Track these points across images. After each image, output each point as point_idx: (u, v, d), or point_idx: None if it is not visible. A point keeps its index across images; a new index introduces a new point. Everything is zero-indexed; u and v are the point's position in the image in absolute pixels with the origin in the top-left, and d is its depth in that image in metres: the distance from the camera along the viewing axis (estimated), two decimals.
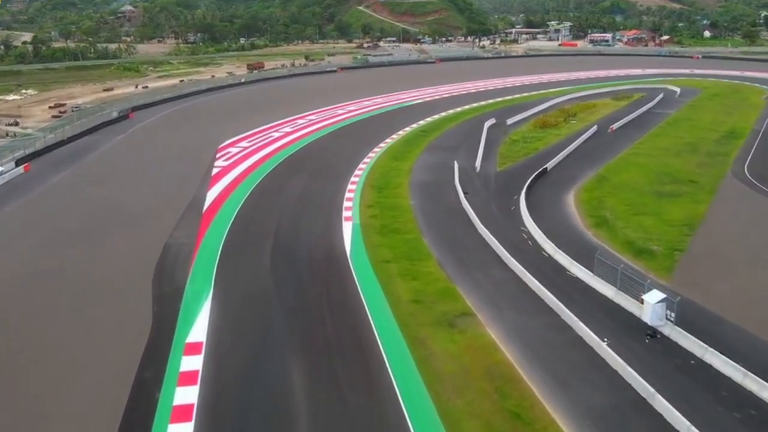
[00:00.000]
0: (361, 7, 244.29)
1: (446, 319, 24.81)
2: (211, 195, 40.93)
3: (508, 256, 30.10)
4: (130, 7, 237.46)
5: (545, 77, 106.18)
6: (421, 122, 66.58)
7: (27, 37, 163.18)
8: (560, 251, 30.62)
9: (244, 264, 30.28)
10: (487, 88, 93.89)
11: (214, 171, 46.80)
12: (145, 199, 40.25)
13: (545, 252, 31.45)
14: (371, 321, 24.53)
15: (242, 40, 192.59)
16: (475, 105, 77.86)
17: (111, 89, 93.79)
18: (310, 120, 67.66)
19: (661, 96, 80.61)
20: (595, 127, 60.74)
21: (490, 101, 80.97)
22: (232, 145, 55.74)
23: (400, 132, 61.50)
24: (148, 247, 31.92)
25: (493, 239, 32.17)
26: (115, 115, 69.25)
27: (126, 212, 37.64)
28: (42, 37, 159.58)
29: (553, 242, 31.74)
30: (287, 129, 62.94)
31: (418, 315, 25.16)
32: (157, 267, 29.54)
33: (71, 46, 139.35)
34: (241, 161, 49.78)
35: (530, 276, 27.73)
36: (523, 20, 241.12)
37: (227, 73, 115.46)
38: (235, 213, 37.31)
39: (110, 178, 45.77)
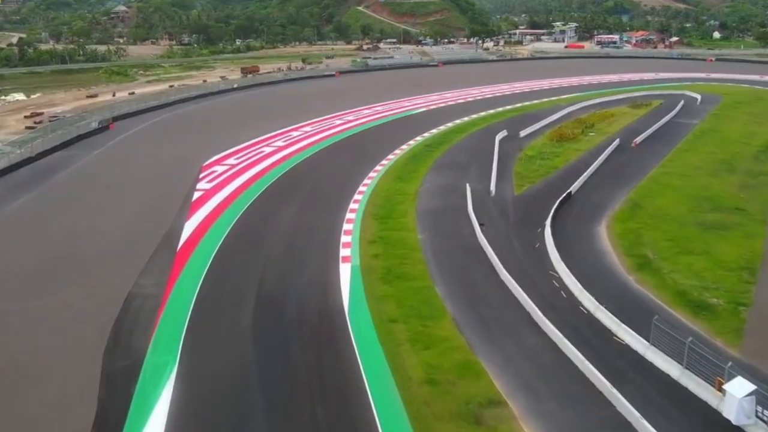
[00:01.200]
0: (360, 8, 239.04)
1: (470, 409, 19.49)
2: (190, 227, 35.57)
3: (540, 315, 24.77)
4: (123, 8, 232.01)
5: (554, 82, 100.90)
6: (426, 134, 61.23)
7: (18, 38, 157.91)
8: (603, 308, 25.30)
9: (220, 325, 24.95)
10: (494, 95, 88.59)
11: (195, 196, 41.41)
12: (113, 233, 34.89)
13: (584, 308, 26.13)
14: (375, 415, 19.24)
15: (238, 42, 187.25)
16: (483, 114, 72.51)
17: (95, 95, 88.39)
18: (306, 132, 62.29)
19: (681, 104, 75.26)
20: (617, 141, 55.42)
21: (499, 109, 75.63)
22: (218, 162, 50.35)
23: (404, 146, 56.14)
24: (107, 300, 26.60)
25: (520, 290, 26.86)
26: (94, 126, 63.87)
27: (88, 250, 32.31)
28: (30, 38, 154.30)
29: (591, 293, 26.43)
30: (280, 143, 57.55)
31: (433, 403, 19.85)
32: (113, 330, 24.20)
33: (59, 49, 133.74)
34: (226, 183, 44.40)
35: (570, 345, 22.42)
36: (526, 21, 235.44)
37: (220, 77, 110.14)
38: (215, 252, 31.94)
39: (77, 204, 40.33)
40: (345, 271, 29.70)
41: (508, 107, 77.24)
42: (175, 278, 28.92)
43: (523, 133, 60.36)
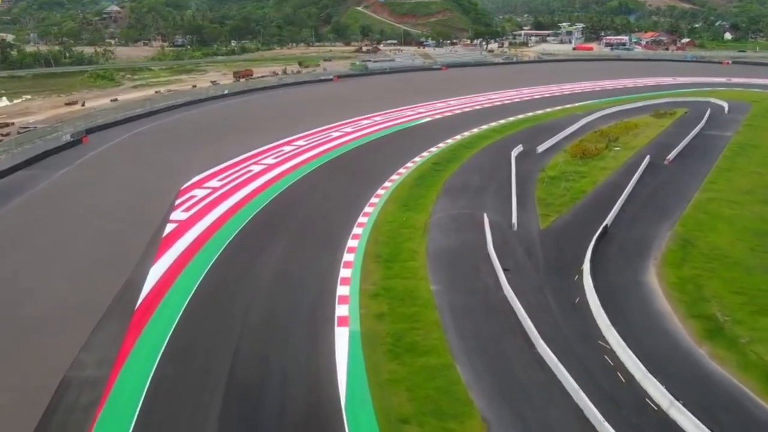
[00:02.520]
0: (359, 8, 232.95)
1: None
2: (155, 274, 29.46)
3: (597, 415, 18.74)
4: (115, 8, 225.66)
5: (565, 87, 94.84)
6: (433, 149, 55.15)
7: (8, 39, 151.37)
8: (679, 404, 19.26)
9: (178, 428, 18.92)
10: (503, 102, 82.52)
11: (168, 230, 35.27)
12: (60, 286, 28.74)
13: (653, 402, 20.08)
14: None
15: (233, 43, 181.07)
16: (493, 124, 66.43)
17: (75, 103, 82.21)
18: (299, 147, 56.18)
19: (708, 113, 69.29)
20: (647, 158, 49.38)
21: (510, 119, 69.57)
22: (198, 185, 44.25)
23: (408, 164, 50.05)
24: (32, 390, 20.57)
25: (565, 373, 20.84)
26: (66, 139, 57.75)
27: (22, 311, 26.22)
28: (18, 39, 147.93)
29: (659, 379, 20.44)
30: (270, 160, 51.43)
31: None
32: None
33: (43, 51, 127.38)
34: (204, 213, 38.27)
35: None
36: (531, 22, 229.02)
37: (211, 82, 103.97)
38: (180, 313, 25.82)
39: (22, 245, 33.88)
40: (342, 341, 23.65)
41: (520, 116, 71.17)
42: (126, 352, 22.85)
43: (540, 149, 54.29)
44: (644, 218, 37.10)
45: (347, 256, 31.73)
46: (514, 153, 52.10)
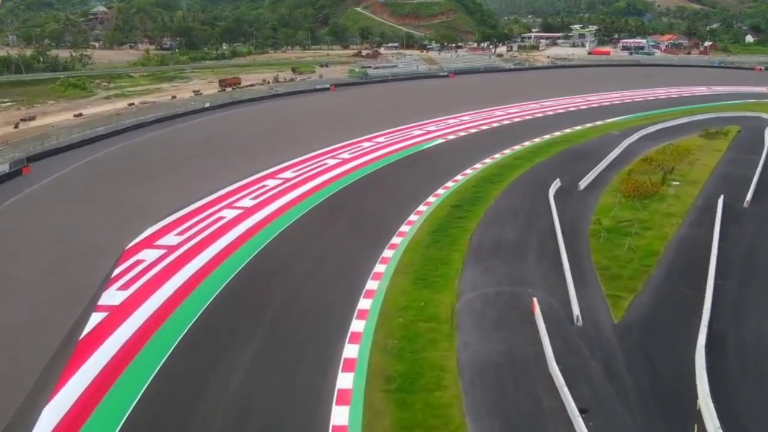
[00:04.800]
0: (358, 9, 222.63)
1: None
2: (48, 421, 19.23)
3: None
4: (102, 8, 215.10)
5: (591, 99, 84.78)
6: (450, 184, 44.95)
7: None
8: None
9: None
10: (523, 117, 72.37)
11: (88, 327, 24.98)
12: None
13: None
14: None
15: (224, 47, 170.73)
16: (517, 148, 56.24)
17: (33, 118, 71.89)
18: (285, 181, 45.96)
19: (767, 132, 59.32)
20: (721, 200, 39.21)
21: (536, 140, 59.41)
22: (150, 242, 34.01)
23: (421, 207, 39.82)
24: None
25: None
26: (2, 170, 47.49)
27: None
28: None
29: None
30: (248, 201, 41.16)
31: None
32: None
33: (13, 55, 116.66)
34: (148, 293, 27.94)
35: None
36: (539, 23, 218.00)
37: (193, 92, 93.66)
38: None
39: None
40: None
41: (547, 137, 60.99)
42: None
43: (582, 184, 44.10)
44: (754, 300, 26.91)
45: (342, 379, 21.51)
46: (551, 191, 41.97)
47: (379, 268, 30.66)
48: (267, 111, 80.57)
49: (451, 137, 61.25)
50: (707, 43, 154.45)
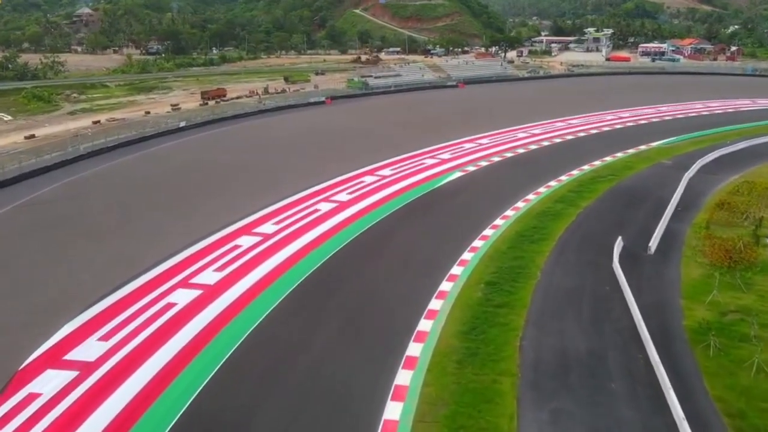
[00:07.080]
0: (357, 11, 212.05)
1: None
2: None
3: None
4: (87, 10, 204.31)
5: (624, 116, 74.29)
6: (478, 244, 34.30)
7: None
8: None
9: None
10: (551, 139, 61.83)
11: None
12: None
13: None
14: None
15: (214, 51, 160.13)
16: (553, 184, 45.63)
17: None
18: (265, 237, 35.27)
19: None
20: None
21: (574, 172, 48.87)
22: (63, 350, 23.42)
23: (444, 286, 29.11)
24: None
25: None
26: None
27: None
28: None
29: None
30: (210, 276, 30.36)
31: None
32: None
33: None
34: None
35: None
36: (549, 27, 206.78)
37: (171, 105, 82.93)
38: None
39: None
40: None
41: (586, 168, 50.44)
42: None
43: (653, 246, 33.52)
44: None
45: None
46: (615, 258, 31.46)
47: (393, 411, 20.03)
48: (251, 132, 69.67)
49: (470, 167, 50.66)
50: (733, 48, 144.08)
